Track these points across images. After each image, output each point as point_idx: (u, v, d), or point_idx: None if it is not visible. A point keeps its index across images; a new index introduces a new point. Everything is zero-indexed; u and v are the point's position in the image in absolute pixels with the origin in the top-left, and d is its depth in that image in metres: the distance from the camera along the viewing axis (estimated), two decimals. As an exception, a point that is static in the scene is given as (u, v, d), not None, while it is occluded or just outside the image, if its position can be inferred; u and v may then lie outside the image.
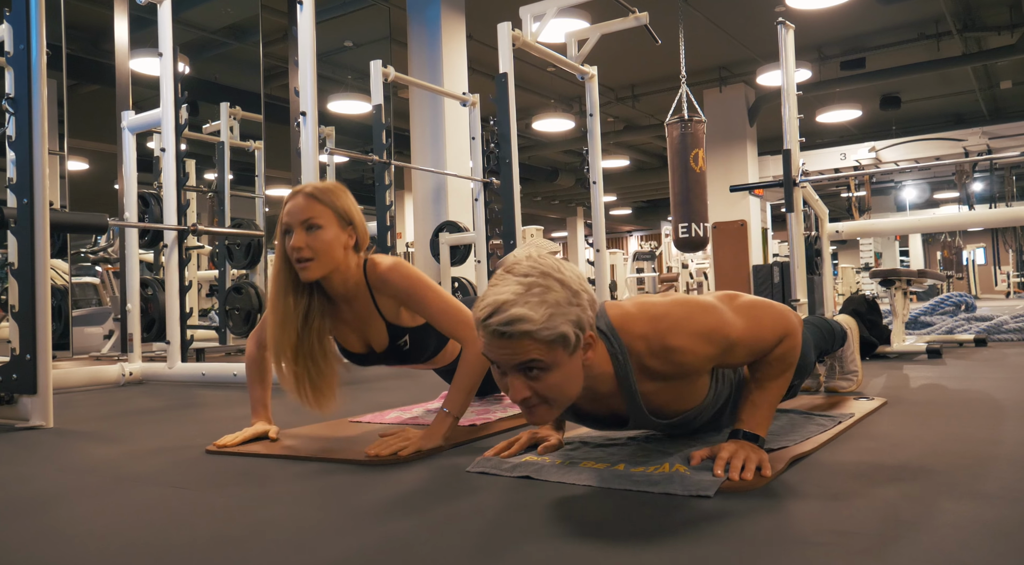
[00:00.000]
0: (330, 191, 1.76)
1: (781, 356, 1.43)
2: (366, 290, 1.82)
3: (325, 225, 1.72)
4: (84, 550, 1.11)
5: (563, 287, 1.23)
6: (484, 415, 2.10)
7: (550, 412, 1.30)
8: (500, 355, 1.23)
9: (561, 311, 1.21)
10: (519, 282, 1.22)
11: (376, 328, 1.88)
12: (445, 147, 7.02)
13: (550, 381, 1.25)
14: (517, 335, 1.19)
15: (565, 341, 1.22)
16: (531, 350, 1.21)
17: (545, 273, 1.24)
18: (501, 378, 1.28)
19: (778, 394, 1.45)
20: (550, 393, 1.26)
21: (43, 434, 2.18)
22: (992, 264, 19.41)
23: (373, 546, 1.07)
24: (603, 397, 1.42)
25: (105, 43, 6.64)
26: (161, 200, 3.91)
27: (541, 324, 1.19)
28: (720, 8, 8.71)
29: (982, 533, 1.02)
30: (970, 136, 11.83)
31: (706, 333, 1.36)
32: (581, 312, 1.24)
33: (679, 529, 1.10)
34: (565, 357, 1.24)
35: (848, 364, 2.35)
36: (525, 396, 1.26)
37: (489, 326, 1.21)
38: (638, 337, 1.36)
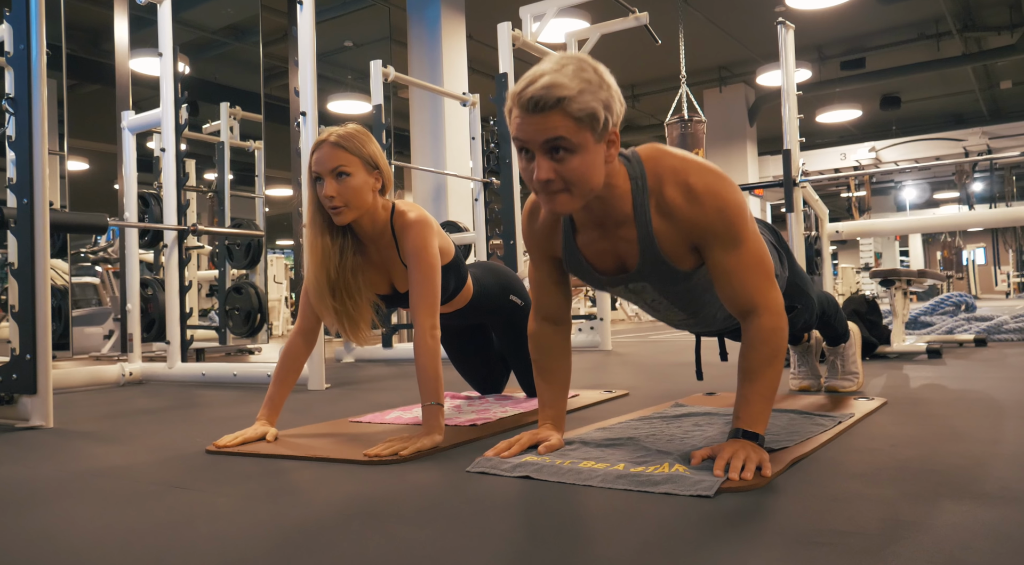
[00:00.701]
0: (355, 137, 1.83)
1: (765, 338, 1.41)
2: (391, 234, 1.92)
3: (353, 172, 1.81)
4: (84, 550, 1.11)
5: (596, 72, 1.30)
6: (484, 415, 2.10)
7: (570, 200, 1.34)
8: (530, 131, 1.28)
9: (592, 90, 1.28)
10: (558, 62, 1.30)
11: (398, 269, 1.97)
12: (445, 147, 7.03)
13: (574, 164, 1.29)
14: (551, 103, 1.25)
15: (593, 120, 1.28)
16: (560, 126, 1.26)
17: (581, 59, 1.31)
18: (527, 165, 1.32)
19: (771, 387, 1.43)
20: (573, 177, 1.30)
21: (43, 434, 2.18)
22: (992, 264, 19.42)
23: (373, 546, 1.07)
24: (615, 225, 1.44)
25: (105, 43, 6.64)
26: (161, 200, 3.91)
27: (574, 93, 1.25)
28: (720, 8, 8.71)
29: (982, 533, 1.02)
30: (970, 136, 11.84)
31: (730, 200, 1.39)
32: (610, 98, 1.30)
33: (679, 529, 1.10)
34: (591, 141, 1.29)
35: (849, 365, 2.36)
36: (549, 177, 1.30)
37: (523, 95, 1.27)
38: (667, 168, 1.40)
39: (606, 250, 1.50)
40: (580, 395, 2.50)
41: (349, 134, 1.82)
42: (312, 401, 2.74)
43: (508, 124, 1.34)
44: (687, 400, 2.28)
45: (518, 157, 1.36)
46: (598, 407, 2.32)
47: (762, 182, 6.60)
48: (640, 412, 2.08)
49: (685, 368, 3.59)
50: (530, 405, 2.23)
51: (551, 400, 1.66)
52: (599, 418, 2.04)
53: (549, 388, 1.66)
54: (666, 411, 2.04)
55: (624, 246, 1.46)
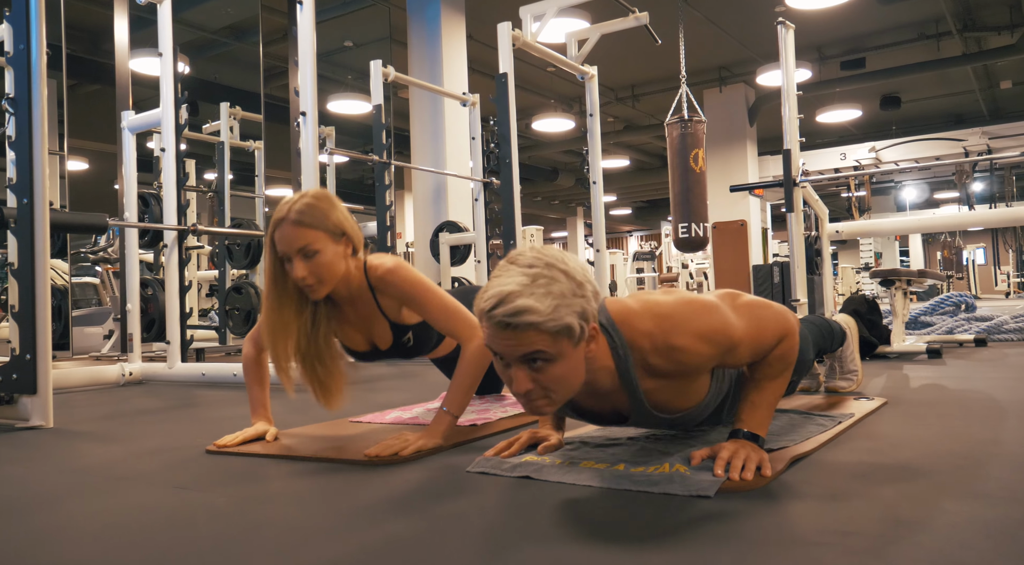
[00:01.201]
0: (316, 209, 1.71)
1: (780, 356, 1.44)
2: (368, 292, 1.84)
3: (321, 248, 1.70)
4: (84, 550, 1.11)
5: (568, 278, 1.22)
6: (484, 415, 2.10)
7: (551, 404, 1.29)
8: (504, 346, 1.22)
9: (566, 302, 1.20)
10: (524, 273, 1.21)
11: (380, 327, 1.90)
12: (445, 147, 7.02)
13: (554, 373, 1.24)
14: (523, 326, 1.19)
15: (570, 332, 1.21)
16: (536, 342, 1.20)
17: (550, 264, 1.23)
18: (504, 370, 1.27)
19: (777, 394, 1.46)
20: (553, 385, 1.25)
21: (43, 434, 2.18)
22: (992, 264, 19.41)
23: (373, 546, 1.07)
24: (604, 393, 1.42)
25: (105, 43, 6.64)
26: (161, 200, 3.91)
27: (547, 316, 1.19)
28: (720, 8, 8.71)
29: (982, 533, 1.02)
30: (970, 136, 11.84)
31: (709, 334, 1.36)
32: (586, 303, 1.23)
33: (679, 529, 1.10)
34: (570, 348, 1.23)
35: (848, 364, 2.35)
36: (528, 388, 1.24)
37: (494, 317, 1.20)
38: (642, 334, 1.35)
39: (601, 405, 1.49)
40: (580, 395, 2.50)
41: (309, 207, 1.70)
42: (312, 401, 2.74)
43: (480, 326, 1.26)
44: (687, 400, 2.27)
45: (494, 359, 1.28)
46: (598, 407, 2.31)
47: (762, 182, 6.59)
48: (640, 412, 2.08)
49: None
50: (530, 405, 2.23)
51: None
52: (599, 418, 2.04)
53: None
54: (666, 411, 2.04)
55: (616, 400, 1.45)
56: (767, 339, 1.42)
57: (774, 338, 1.43)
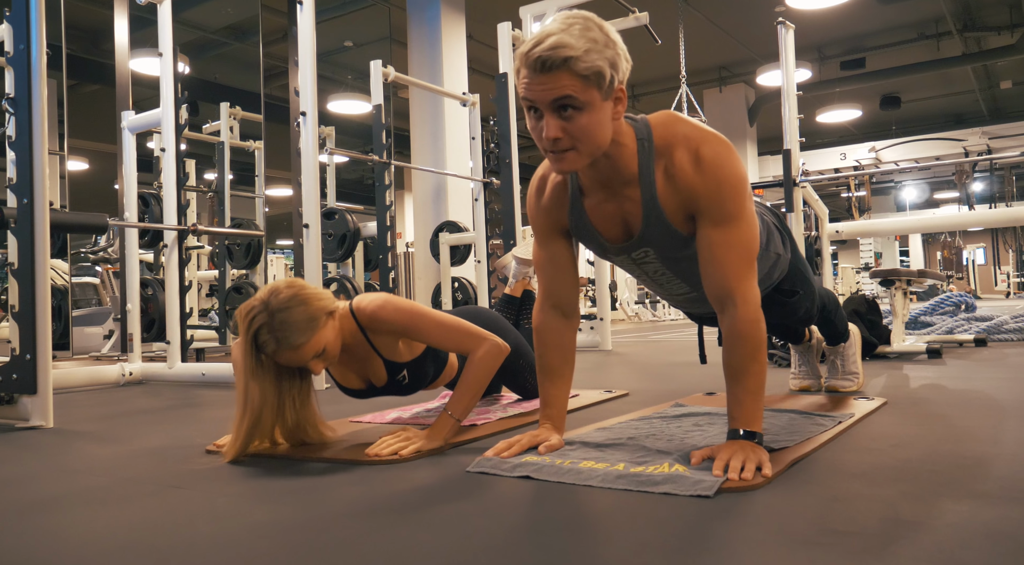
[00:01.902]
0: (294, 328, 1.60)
1: (745, 333, 1.42)
2: (361, 335, 1.82)
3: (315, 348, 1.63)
4: (84, 550, 1.11)
5: (602, 31, 1.33)
6: (484, 415, 2.10)
7: (578, 157, 1.36)
8: (538, 91, 1.30)
9: (598, 48, 1.30)
10: (563, 22, 1.32)
11: (375, 366, 1.89)
12: (445, 147, 7.03)
13: (582, 122, 1.32)
14: (558, 63, 1.27)
15: (600, 78, 1.30)
16: (568, 85, 1.28)
17: (587, 17, 1.33)
18: (536, 124, 1.35)
19: (758, 382, 1.43)
20: (581, 134, 1.33)
21: (43, 434, 2.18)
22: (992, 264, 19.41)
23: (373, 546, 1.07)
24: (620, 185, 1.46)
25: (105, 43, 6.64)
26: (161, 200, 3.91)
27: (580, 52, 1.27)
28: (720, 8, 8.71)
29: (982, 533, 1.02)
30: (970, 136, 11.84)
31: (732, 175, 1.41)
32: (616, 57, 1.32)
33: (679, 529, 1.10)
34: (598, 99, 1.32)
35: (849, 364, 2.36)
36: (558, 136, 1.32)
37: (531, 55, 1.29)
38: (680, 135, 1.42)
39: (612, 213, 1.51)
40: (580, 395, 2.50)
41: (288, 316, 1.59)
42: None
43: (516, 84, 1.36)
44: (687, 400, 2.28)
45: (527, 116, 1.37)
46: (598, 407, 2.32)
47: (762, 182, 6.59)
48: (640, 412, 2.08)
49: (685, 368, 3.59)
50: (530, 406, 2.23)
51: (552, 399, 1.65)
52: (599, 418, 2.04)
53: (552, 386, 1.65)
54: (666, 411, 2.04)
55: (629, 206, 1.48)
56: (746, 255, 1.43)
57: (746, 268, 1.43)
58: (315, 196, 3.16)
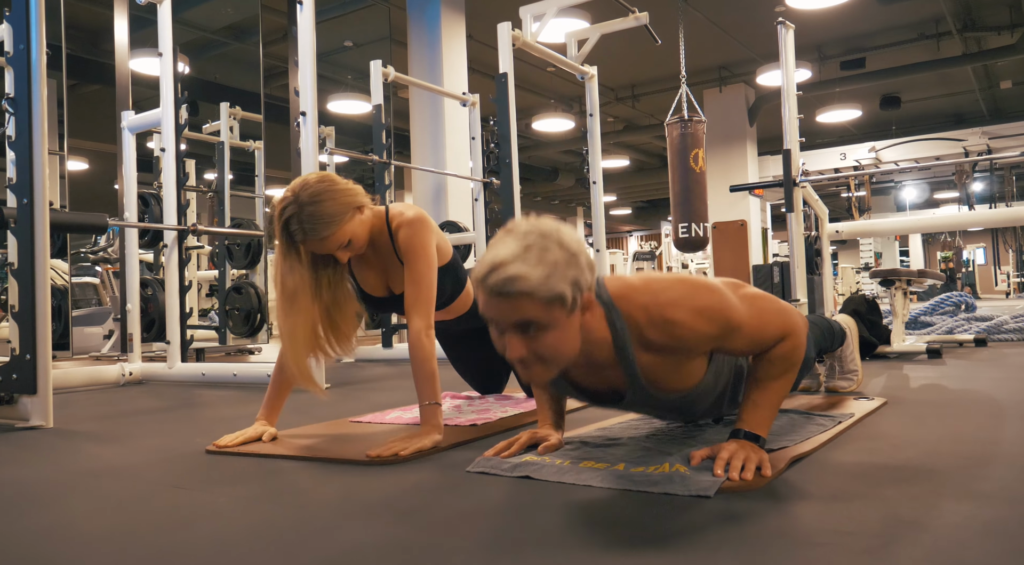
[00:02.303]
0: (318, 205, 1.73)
1: (784, 355, 1.43)
2: (387, 236, 1.91)
3: (333, 233, 1.74)
4: (84, 550, 1.11)
5: (561, 248, 1.24)
6: (484, 415, 2.10)
7: (547, 371, 1.30)
8: (498, 313, 1.24)
9: (559, 271, 1.22)
10: (518, 242, 1.24)
11: (396, 270, 1.96)
12: (445, 147, 7.02)
13: (547, 340, 1.25)
14: (515, 294, 1.21)
15: (563, 301, 1.23)
16: (529, 309, 1.22)
17: (544, 234, 1.25)
18: (499, 337, 1.28)
19: (780, 394, 1.45)
20: (547, 352, 1.27)
21: (43, 434, 2.18)
22: (992, 264, 19.40)
23: (373, 546, 1.07)
24: (601, 366, 1.43)
25: (105, 43, 6.64)
26: (161, 200, 3.91)
27: (539, 283, 1.20)
28: (720, 8, 8.71)
29: (982, 533, 1.02)
30: (970, 136, 11.83)
31: (707, 311, 1.36)
32: (579, 273, 1.25)
33: (680, 529, 1.10)
34: (563, 317, 1.25)
35: (848, 364, 2.35)
36: (522, 355, 1.26)
37: (487, 284, 1.22)
38: (639, 307, 1.37)
39: (596, 380, 1.49)
40: (580, 395, 2.50)
41: (313, 214, 1.71)
42: (312, 401, 2.74)
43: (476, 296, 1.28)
44: (687, 400, 2.27)
45: (489, 328, 1.29)
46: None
47: (762, 182, 6.59)
48: (640, 412, 2.08)
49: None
50: (530, 405, 2.23)
51: (551, 399, 1.65)
52: (599, 418, 2.04)
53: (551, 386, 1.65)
54: (666, 411, 2.04)
55: (613, 376, 1.45)
56: (768, 331, 1.42)
57: (776, 332, 1.42)
58: (315, 196, 3.15)
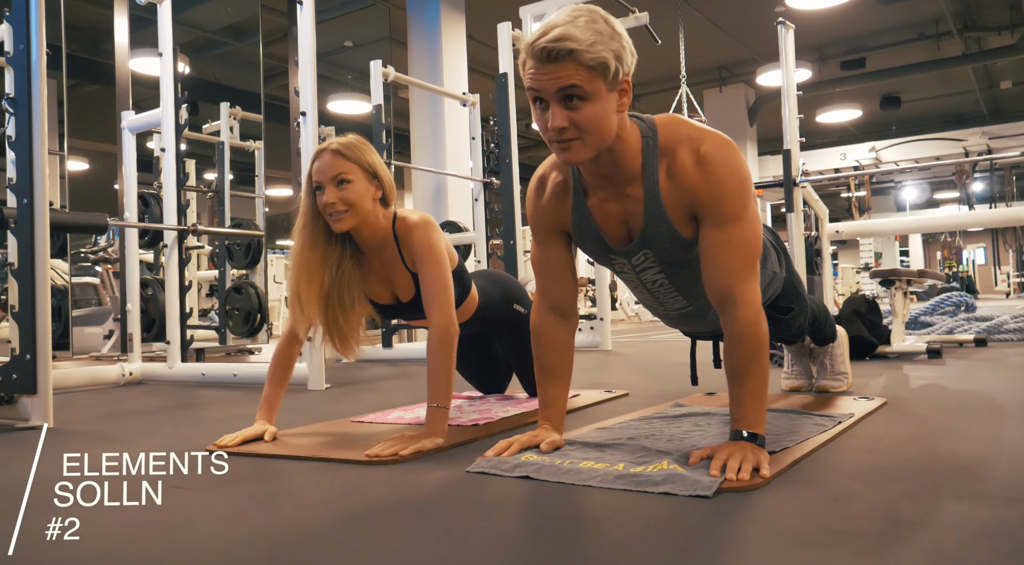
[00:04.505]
0: (356, 146, 1.84)
1: (749, 332, 1.41)
2: (393, 242, 1.92)
3: (354, 180, 1.81)
4: (84, 550, 1.11)
5: (607, 24, 1.34)
6: (485, 415, 2.10)
7: (583, 148, 1.37)
8: (544, 81, 1.32)
9: (604, 40, 1.31)
10: (569, 14, 1.34)
11: (403, 279, 1.96)
12: (445, 147, 7.03)
13: (587, 112, 1.33)
14: (563, 54, 1.29)
15: (605, 69, 1.31)
16: (573, 75, 1.30)
17: (593, 10, 1.35)
18: (542, 114, 1.36)
19: (760, 384, 1.42)
20: (586, 124, 1.34)
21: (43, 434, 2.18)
22: (992, 264, 19.41)
23: (373, 546, 1.07)
24: (623, 182, 1.47)
25: (105, 43, 6.64)
26: (161, 200, 3.91)
27: (586, 45, 1.29)
28: (720, 8, 8.71)
29: (982, 533, 1.02)
30: (970, 136, 11.84)
31: (740, 172, 1.42)
32: (621, 49, 1.34)
33: (679, 530, 1.10)
34: (604, 90, 1.33)
35: (838, 364, 2.36)
36: (563, 125, 1.33)
37: (536, 46, 1.31)
38: (682, 136, 1.44)
39: (614, 213, 1.52)
40: (580, 395, 2.50)
41: (350, 143, 1.84)
42: (312, 401, 2.74)
43: (522, 75, 1.37)
44: (687, 400, 2.28)
45: (532, 109, 1.39)
46: (598, 407, 2.32)
47: (762, 182, 6.59)
48: (640, 412, 2.08)
49: (685, 368, 3.57)
50: (532, 405, 2.23)
51: (552, 399, 1.65)
52: (599, 418, 2.04)
53: (551, 387, 1.65)
54: (666, 411, 2.04)
55: (631, 206, 1.49)
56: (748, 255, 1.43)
57: (748, 269, 1.43)
58: (315, 196, 3.16)
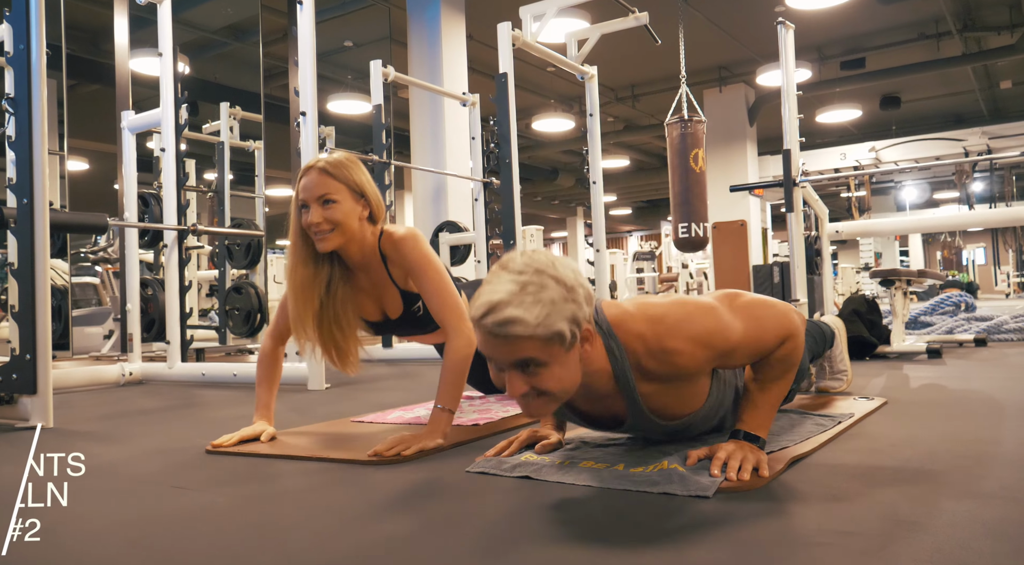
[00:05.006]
0: (342, 165, 1.81)
1: (783, 357, 1.42)
2: (379, 259, 1.89)
3: (340, 199, 1.78)
4: (84, 550, 1.11)
5: (558, 284, 1.22)
6: (485, 414, 2.10)
7: (548, 405, 1.30)
8: (497, 353, 1.23)
9: (556, 309, 1.21)
10: (513, 280, 1.22)
11: (391, 295, 1.95)
12: (445, 147, 7.02)
13: (547, 376, 1.24)
14: (512, 336, 1.20)
15: (561, 338, 1.22)
16: (527, 349, 1.21)
17: (539, 270, 1.23)
18: (498, 374, 1.27)
19: (779, 395, 1.44)
20: (548, 387, 1.25)
21: (43, 434, 2.18)
22: (992, 264, 19.40)
23: (373, 546, 1.07)
24: (602, 397, 1.42)
25: (105, 43, 6.64)
26: (161, 200, 3.91)
27: (536, 324, 1.19)
28: (720, 8, 8.71)
29: (982, 533, 1.02)
30: (970, 136, 11.83)
31: (704, 337, 1.34)
32: (576, 308, 1.23)
33: (678, 530, 1.10)
34: (562, 353, 1.23)
35: (837, 364, 2.36)
36: (523, 391, 1.25)
37: (484, 326, 1.21)
38: (635, 336, 1.35)
39: (598, 408, 1.48)
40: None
41: (337, 162, 1.80)
42: (312, 401, 2.74)
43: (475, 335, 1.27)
44: (687, 400, 2.27)
45: (488, 365, 1.28)
46: (598, 407, 2.31)
47: (762, 182, 6.59)
48: (640, 412, 2.08)
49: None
50: (530, 405, 2.23)
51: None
52: (599, 418, 2.04)
53: None
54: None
55: (614, 404, 1.45)
56: (768, 340, 1.40)
57: (775, 339, 1.40)
58: (315, 196, 3.15)
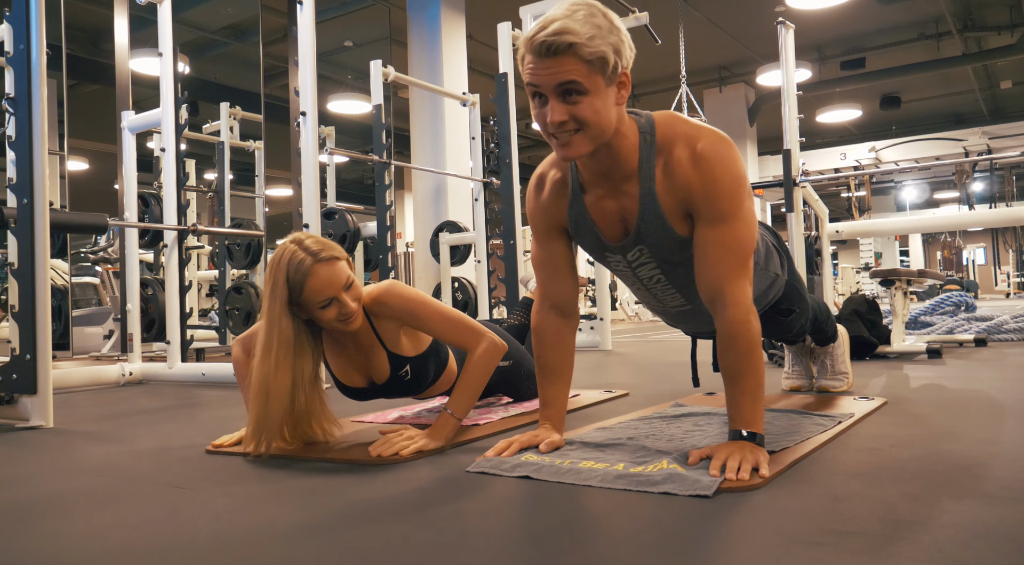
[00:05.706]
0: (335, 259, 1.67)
1: (737, 332, 1.41)
2: (365, 320, 1.81)
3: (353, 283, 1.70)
4: (84, 550, 1.11)
5: (605, 18, 1.35)
6: (486, 415, 2.10)
7: (583, 141, 1.38)
8: (543, 76, 1.33)
9: (602, 34, 1.33)
10: (567, 8, 1.34)
11: (378, 359, 1.87)
12: (445, 147, 7.03)
13: (586, 105, 1.34)
14: (563, 48, 1.30)
15: (604, 64, 1.33)
16: (572, 70, 1.31)
17: (591, 4, 1.36)
18: (540, 109, 1.37)
19: (754, 383, 1.42)
20: (586, 117, 1.35)
21: (43, 434, 2.18)
22: (992, 264, 19.41)
23: (373, 546, 1.07)
24: (620, 179, 1.48)
25: (105, 43, 6.64)
26: (161, 200, 3.91)
27: (584, 39, 1.30)
28: (720, 8, 8.72)
29: (982, 533, 1.02)
30: (970, 136, 11.85)
31: (735, 171, 1.43)
32: (620, 42, 1.35)
33: (679, 529, 1.10)
34: (602, 84, 1.34)
35: (839, 364, 2.37)
36: (563, 119, 1.35)
37: (535, 40, 1.32)
38: (682, 133, 1.45)
39: (611, 209, 1.52)
40: (580, 395, 2.50)
41: (328, 245, 1.68)
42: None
43: (521, 71, 1.38)
44: (687, 400, 2.28)
45: (531, 103, 1.39)
46: (598, 407, 2.32)
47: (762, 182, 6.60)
48: (640, 412, 2.08)
49: (685, 368, 3.58)
50: (532, 405, 2.23)
51: (552, 399, 1.65)
52: (599, 418, 2.04)
53: (551, 387, 1.65)
54: (666, 411, 2.04)
55: (627, 203, 1.49)
56: (740, 255, 1.44)
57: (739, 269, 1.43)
58: (315, 196, 3.16)
